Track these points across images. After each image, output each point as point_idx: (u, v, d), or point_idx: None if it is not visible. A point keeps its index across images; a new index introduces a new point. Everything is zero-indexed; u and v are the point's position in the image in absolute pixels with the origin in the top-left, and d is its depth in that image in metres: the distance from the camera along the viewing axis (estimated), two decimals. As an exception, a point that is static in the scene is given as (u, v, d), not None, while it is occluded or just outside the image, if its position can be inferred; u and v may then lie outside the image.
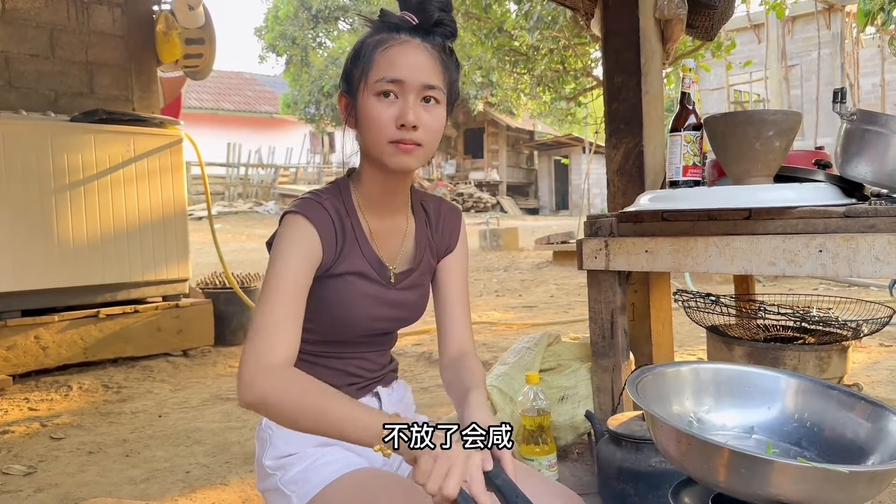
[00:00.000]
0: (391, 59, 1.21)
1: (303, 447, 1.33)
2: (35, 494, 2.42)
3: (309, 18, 23.09)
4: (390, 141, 1.22)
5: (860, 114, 1.81)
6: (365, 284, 1.33)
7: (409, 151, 1.22)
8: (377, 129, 1.22)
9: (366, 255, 1.33)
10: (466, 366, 1.38)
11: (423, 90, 1.22)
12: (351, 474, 1.29)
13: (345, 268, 1.30)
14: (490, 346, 4.56)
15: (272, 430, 1.36)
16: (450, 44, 1.29)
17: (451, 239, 1.47)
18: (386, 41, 1.23)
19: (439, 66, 1.25)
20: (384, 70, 1.21)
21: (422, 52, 1.23)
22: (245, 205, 20.06)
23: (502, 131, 26.56)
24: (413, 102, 1.21)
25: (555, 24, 8.61)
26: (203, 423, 3.17)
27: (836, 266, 1.74)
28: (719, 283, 6.24)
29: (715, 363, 1.59)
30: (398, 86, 1.21)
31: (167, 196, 4.52)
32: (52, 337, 4.00)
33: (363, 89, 1.23)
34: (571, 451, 2.47)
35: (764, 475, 1.11)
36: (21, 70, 4.52)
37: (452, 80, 1.29)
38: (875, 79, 14.70)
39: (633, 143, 2.56)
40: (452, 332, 1.45)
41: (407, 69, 1.21)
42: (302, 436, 1.31)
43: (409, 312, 1.43)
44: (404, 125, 1.20)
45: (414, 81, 1.21)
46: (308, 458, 1.32)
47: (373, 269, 1.34)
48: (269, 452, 1.35)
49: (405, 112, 1.20)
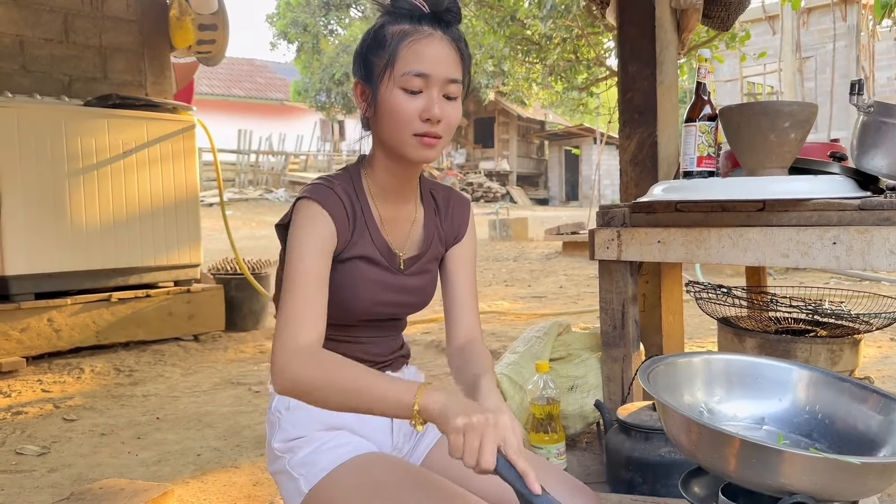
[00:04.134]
0: (417, 53, 1.22)
1: (310, 430, 1.35)
2: (48, 475, 2.45)
3: (321, 6, 23.03)
4: (415, 134, 1.23)
5: (877, 106, 1.80)
6: (373, 270, 1.34)
7: (432, 145, 1.25)
8: (402, 122, 1.23)
9: (375, 242, 1.34)
10: (475, 351, 1.39)
11: (446, 84, 1.24)
12: (358, 458, 1.31)
13: (354, 252, 1.31)
14: (499, 336, 4.57)
15: (280, 413, 1.37)
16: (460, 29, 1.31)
17: (461, 228, 1.48)
18: (410, 34, 1.24)
19: (459, 58, 1.26)
20: (410, 63, 1.22)
21: (445, 45, 1.25)
22: (255, 192, 20.09)
23: (513, 121, 26.47)
24: (437, 96, 1.23)
25: (568, 14, 8.56)
26: (214, 407, 3.19)
27: (850, 259, 1.73)
28: (730, 276, 6.23)
29: (727, 354, 1.59)
30: (424, 80, 1.22)
31: (179, 181, 4.54)
32: (64, 320, 4.03)
33: (387, 80, 1.24)
34: (580, 440, 2.48)
35: (775, 465, 1.11)
36: (35, 54, 4.54)
37: (468, 70, 1.31)
38: (890, 72, 14.55)
39: (646, 132, 2.55)
40: (461, 320, 1.46)
41: (433, 63, 1.22)
42: (310, 419, 1.34)
43: (417, 298, 1.44)
44: (429, 119, 1.22)
45: (439, 76, 1.23)
46: (316, 442, 1.34)
47: (382, 255, 1.35)
48: (278, 435, 1.37)
49: (431, 106, 1.22)
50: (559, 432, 2.13)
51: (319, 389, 1.14)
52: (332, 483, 1.29)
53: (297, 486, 1.31)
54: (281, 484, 1.38)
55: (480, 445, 1.02)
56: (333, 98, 22.71)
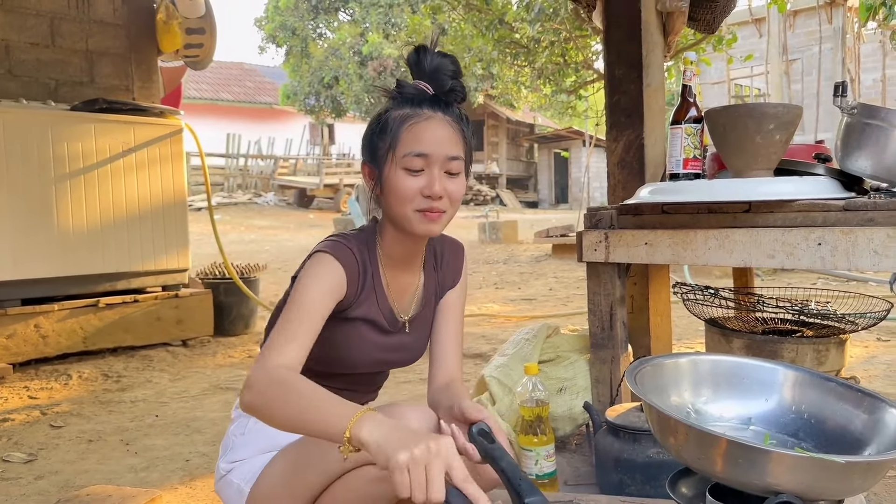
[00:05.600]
0: (417, 135, 1.30)
1: (254, 453, 1.43)
2: (35, 482, 2.43)
3: (309, 9, 22.98)
4: (417, 210, 1.32)
5: (860, 107, 1.82)
6: (374, 334, 1.42)
7: (435, 220, 1.33)
8: (406, 200, 1.32)
9: (381, 306, 1.42)
10: (455, 391, 1.46)
11: (446, 162, 1.31)
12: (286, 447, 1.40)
13: (359, 314, 1.39)
14: (489, 339, 4.57)
15: (235, 437, 1.46)
16: (462, 108, 1.39)
17: (456, 275, 1.57)
18: (411, 117, 1.32)
19: (460, 136, 1.34)
20: (410, 145, 1.30)
21: (445, 125, 1.32)
22: (244, 196, 20.02)
23: (502, 124, 26.51)
24: (438, 174, 1.31)
25: (556, 17, 8.58)
26: (202, 413, 3.18)
27: (835, 259, 1.75)
28: (718, 278, 6.25)
29: (713, 355, 1.60)
30: (424, 160, 1.30)
31: (167, 186, 4.52)
32: (51, 326, 4.00)
33: (390, 162, 1.32)
34: (569, 442, 2.48)
35: (761, 465, 1.12)
36: (21, 58, 4.51)
37: (469, 145, 1.38)
38: (876, 74, 14.66)
39: (633, 135, 2.56)
40: (444, 362, 1.53)
41: (432, 144, 1.30)
42: (256, 443, 1.42)
43: (410, 355, 1.52)
44: (430, 196, 1.30)
45: (439, 155, 1.30)
46: (255, 460, 1.42)
47: (385, 320, 1.43)
48: (227, 457, 1.46)
49: (432, 183, 1.30)
50: (548, 434, 2.13)
51: (271, 406, 1.14)
52: (262, 480, 1.38)
53: (238, 489, 1.40)
54: (225, 497, 1.46)
55: (427, 478, 0.98)
56: (322, 102, 22.67)
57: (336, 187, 19.59)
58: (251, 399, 1.17)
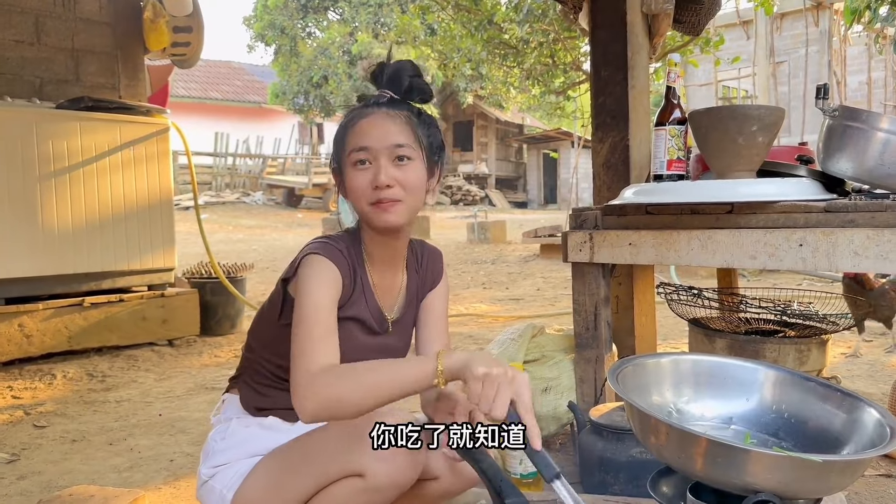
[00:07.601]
0: (359, 131, 1.34)
1: (235, 458, 1.43)
2: (18, 482, 2.42)
3: (298, 8, 22.91)
4: (370, 203, 1.34)
5: (842, 110, 1.83)
6: (362, 335, 1.44)
7: (389, 209, 1.34)
8: (358, 196, 1.35)
9: (369, 305, 1.44)
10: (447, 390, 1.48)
11: (392, 150, 1.33)
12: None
13: (350, 313, 1.40)
14: (476, 338, 4.58)
15: (216, 442, 1.47)
16: (423, 106, 1.42)
17: (436, 276, 1.59)
18: (355, 117, 1.36)
19: (405, 125, 1.35)
20: (354, 141, 1.34)
21: (384, 117, 1.35)
22: (233, 195, 19.95)
23: (491, 124, 26.53)
24: (385, 164, 1.32)
25: (545, 18, 8.61)
26: (188, 413, 3.17)
27: (816, 260, 1.76)
28: (704, 278, 6.29)
29: (695, 354, 1.61)
30: (368, 153, 1.32)
31: (153, 185, 4.49)
32: (36, 325, 3.97)
33: (344, 163, 1.36)
34: (554, 442, 2.49)
35: (740, 464, 1.13)
36: (5, 56, 4.47)
37: (427, 136, 1.38)
38: (862, 76, 14.79)
39: (619, 136, 2.57)
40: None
41: (372, 136, 1.33)
42: (237, 449, 1.43)
43: (393, 358, 1.52)
44: (378, 186, 1.31)
45: (380, 144, 1.32)
46: (237, 465, 1.42)
47: (374, 319, 1.45)
48: (208, 462, 1.46)
49: (377, 174, 1.32)
50: (533, 434, 2.14)
51: (347, 398, 1.19)
52: (251, 479, 1.38)
53: (220, 494, 1.40)
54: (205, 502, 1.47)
55: (496, 395, 1.10)
56: (311, 101, 22.60)
57: (325, 187, 19.54)
58: (315, 406, 1.19)
